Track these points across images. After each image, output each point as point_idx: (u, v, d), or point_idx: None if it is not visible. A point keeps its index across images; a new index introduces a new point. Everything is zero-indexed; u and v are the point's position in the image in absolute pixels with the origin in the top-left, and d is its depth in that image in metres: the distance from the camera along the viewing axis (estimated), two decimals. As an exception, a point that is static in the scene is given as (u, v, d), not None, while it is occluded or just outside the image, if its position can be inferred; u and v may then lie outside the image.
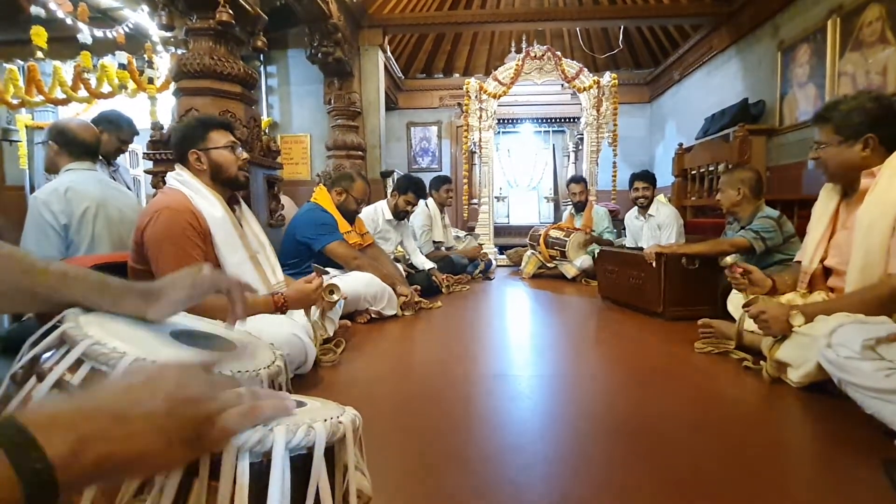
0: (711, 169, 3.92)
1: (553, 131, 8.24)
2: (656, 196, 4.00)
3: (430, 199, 4.23)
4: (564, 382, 1.69)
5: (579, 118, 5.87)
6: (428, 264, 3.65)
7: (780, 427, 1.33)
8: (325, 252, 2.64)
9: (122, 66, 4.31)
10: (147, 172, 2.64)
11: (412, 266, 3.60)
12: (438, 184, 4.38)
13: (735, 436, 1.25)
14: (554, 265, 4.29)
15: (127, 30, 4.54)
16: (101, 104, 4.40)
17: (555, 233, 4.38)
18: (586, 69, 5.27)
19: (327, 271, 1.92)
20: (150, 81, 4.32)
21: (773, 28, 4.43)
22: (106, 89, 4.35)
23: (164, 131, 2.52)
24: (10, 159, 5.74)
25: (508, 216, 8.66)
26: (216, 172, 1.63)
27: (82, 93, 4.27)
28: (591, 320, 2.75)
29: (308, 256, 2.68)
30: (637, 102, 7.53)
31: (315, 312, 1.87)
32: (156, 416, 0.40)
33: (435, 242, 4.30)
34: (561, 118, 7.05)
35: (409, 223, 3.80)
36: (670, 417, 1.36)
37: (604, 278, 3.18)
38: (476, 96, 5.18)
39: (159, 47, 4.76)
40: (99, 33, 4.28)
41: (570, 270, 4.13)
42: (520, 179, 8.68)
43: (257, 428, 0.49)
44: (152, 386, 0.42)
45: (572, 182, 4.76)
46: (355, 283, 2.54)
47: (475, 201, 5.97)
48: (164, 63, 4.70)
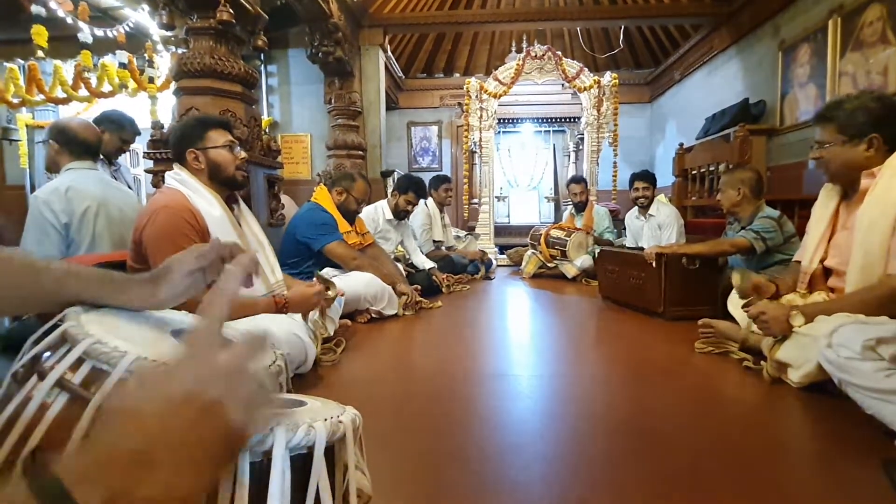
0: (712, 169, 3.92)
1: (553, 131, 8.24)
2: (657, 196, 4.00)
3: (429, 199, 4.23)
4: (564, 382, 1.69)
5: (580, 118, 5.87)
6: (428, 264, 3.65)
7: (780, 427, 1.33)
8: (324, 252, 2.64)
9: (122, 66, 4.31)
10: (147, 172, 2.64)
11: (412, 266, 3.61)
12: (437, 183, 4.38)
13: (735, 436, 1.25)
14: (554, 265, 4.29)
15: (127, 29, 4.54)
16: (101, 103, 4.41)
17: (556, 232, 4.38)
18: (587, 69, 5.26)
19: (332, 282, 1.92)
20: (151, 81, 4.32)
21: (773, 28, 4.43)
22: (106, 88, 4.35)
23: (164, 130, 2.52)
24: (11, 158, 5.75)
25: (509, 216, 8.67)
26: (214, 172, 1.64)
27: (83, 92, 4.26)
28: (591, 320, 2.75)
29: (308, 256, 2.68)
30: (637, 102, 7.53)
31: (314, 313, 1.88)
32: (177, 446, 0.37)
33: (435, 242, 4.30)
34: (561, 118, 7.06)
35: (409, 223, 3.80)
36: (670, 417, 1.36)
37: (604, 278, 3.18)
38: (476, 96, 5.18)
39: (160, 46, 4.76)
40: (99, 32, 4.29)
41: (570, 270, 4.14)
42: (520, 179, 8.69)
43: None
44: (161, 409, 0.38)
45: (572, 182, 4.76)
46: (356, 283, 2.54)
47: (475, 201, 5.97)
48: (164, 62, 4.70)
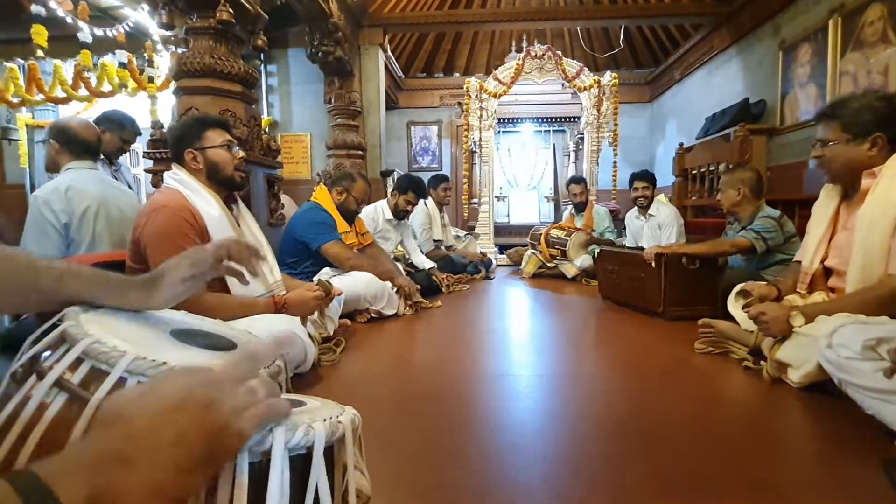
0: (712, 169, 3.92)
1: (553, 131, 8.23)
2: (656, 196, 4.00)
3: (429, 199, 4.23)
4: (564, 382, 1.69)
5: (580, 118, 5.86)
6: (428, 264, 3.65)
7: (780, 427, 1.32)
8: (320, 251, 2.64)
9: (122, 65, 4.30)
10: (147, 171, 2.64)
11: (412, 265, 3.61)
12: (436, 182, 4.38)
13: (735, 436, 1.25)
14: (554, 265, 4.29)
15: (127, 28, 4.54)
16: (101, 103, 4.41)
17: (556, 232, 4.38)
18: (587, 69, 5.25)
19: (331, 285, 1.92)
20: (151, 80, 4.31)
21: (773, 28, 4.43)
22: (106, 88, 4.34)
23: (164, 130, 2.51)
24: (11, 158, 5.75)
25: (509, 216, 8.66)
26: (213, 171, 1.64)
27: (83, 92, 4.26)
28: (591, 320, 2.75)
29: (307, 256, 2.68)
30: (638, 102, 7.52)
31: (313, 314, 1.88)
32: (160, 448, 0.39)
33: (435, 241, 4.30)
34: (561, 118, 7.05)
35: (409, 223, 3.80)
36: (670, 417, 1.36)
37: (604, 278, 3.18)
38: (476, 95, 5.18)
39: (159, 46, 4.75)
40: (99, 32, 4.28)
41: (570, 270, 4.13)
42: (520, 179, 8.68)
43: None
44: (152, 414, 0.41)
45: (572, 183, 4.76)
46: (355, 283, 2.54)
47: (475, 201, 5.96)
48: (164, 62, 4.69)
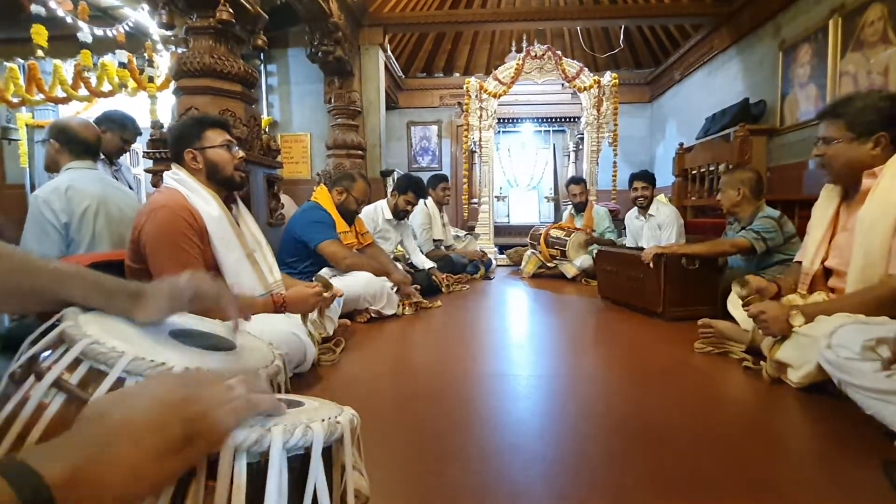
0: (712, 169, 3.91)
1: (553, 131, 8.24)
2: (656, 196, 4.00)
3: (429, 199, 4.23)
4: (564, 382, 1.69)
5: (579, 118, 5.86)
6: (428, 264, 3.65)
7: (779, 427, 1.32)
8: (317, 250, 2.64)
9: (122, 65, 4.31)
10: (147, 171, 2.64)
11: (412, 265, 3.61)
12: (435, 182, 4.38)
13: (735, 436, 1.25)
14: (554, 265, 4.29)
15: (127, 28, 4.54)
16: (101, 103, 4.41)
17: (555, 232, 4.38)
18: (587, 69, 5.25)
19: (332, 284, 1.92)
20: (151, 80, 4.31)
21: (774, 28, 4.43)
22: (106, 88, 4.35)
23: (164, 130, 2.51)
24: (11, 158, 5.75)
25: (508, 216, 8.67)
26: (212, 171, 1.63)
27: (83, 91, 4.26)
28: (590, 320, 2.75)
29: (306, 255, 2.68)
30: (637, 102, 7.52)
31: (313, 313, 1.88)
32: (139, 434, 0.42)
33: (435, 241, 4.30)
34: (561, 118, 7.06)
35: (409, 223, 3.80)
36: (670, 417, 1.36)
37: (604, 278, 3.18)
38: (476, 95, 5.18)
39: (159, 46, 4.75)
40: (99, 32, 4.28)
41: (570, 270, 4.13)
42: (520, 179, 8.68)
43: (255, 428, 0.49)
44: (132, 405, 0.44)
45: (572, 183, 4.75)
46: (355, 283, 2.54)
47: (475, 201, 5.96)
48: (164, 62, 4.70)
